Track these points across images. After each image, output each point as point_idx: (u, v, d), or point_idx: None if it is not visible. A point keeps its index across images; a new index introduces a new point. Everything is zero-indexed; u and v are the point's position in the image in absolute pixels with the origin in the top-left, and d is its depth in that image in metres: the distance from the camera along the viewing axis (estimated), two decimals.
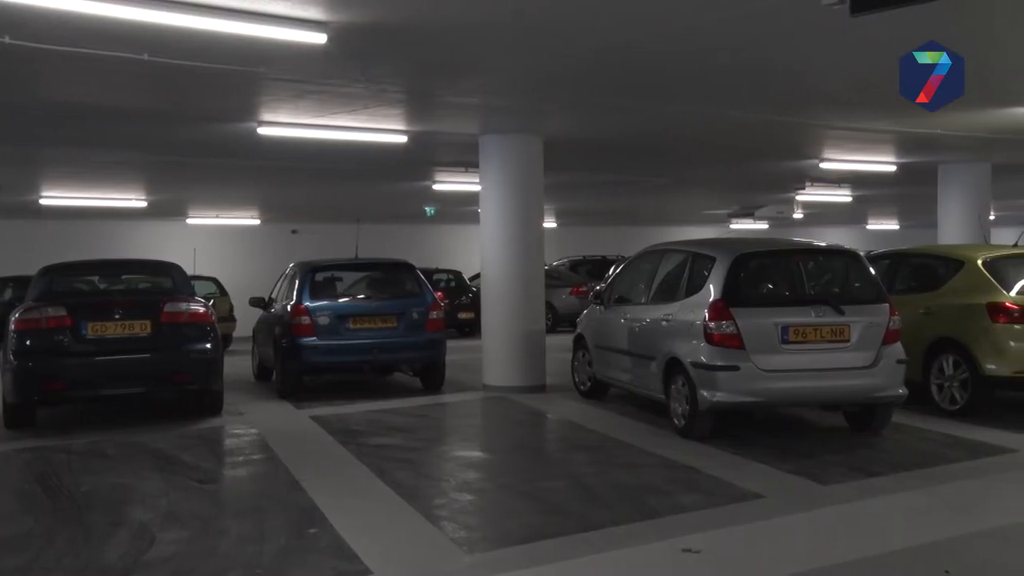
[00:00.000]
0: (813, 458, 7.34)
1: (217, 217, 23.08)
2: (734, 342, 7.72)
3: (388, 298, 11.60)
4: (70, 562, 5.13)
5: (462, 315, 19.51)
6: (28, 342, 8.85)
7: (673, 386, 8.29)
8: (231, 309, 18.30)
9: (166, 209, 20.64)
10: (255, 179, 15.76)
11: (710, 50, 7.41)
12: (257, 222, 24.04)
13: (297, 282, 11.27)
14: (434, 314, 11.35)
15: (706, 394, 7.78)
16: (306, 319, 10.84)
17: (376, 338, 10.97)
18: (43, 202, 17.43)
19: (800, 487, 6.53)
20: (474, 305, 17.16)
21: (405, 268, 11.96)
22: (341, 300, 11.50)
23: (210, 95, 8.82)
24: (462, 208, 19.51)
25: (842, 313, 7.85)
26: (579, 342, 10.74)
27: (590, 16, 6.40)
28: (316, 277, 11.51)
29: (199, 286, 14.69)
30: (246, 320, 15.41)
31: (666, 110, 9.85)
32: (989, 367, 8.58)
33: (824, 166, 14.71)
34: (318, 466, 7.48)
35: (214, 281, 19.26)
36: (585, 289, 18.79)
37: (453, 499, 6.53)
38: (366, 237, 16.32)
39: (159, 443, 8.37)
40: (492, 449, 8.61)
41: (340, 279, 12.45)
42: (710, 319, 7.82)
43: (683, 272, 8.75)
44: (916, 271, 10.22)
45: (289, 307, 11.07)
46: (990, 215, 15.63)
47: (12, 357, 8.81)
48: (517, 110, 10.03)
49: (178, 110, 9.54)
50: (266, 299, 12.66)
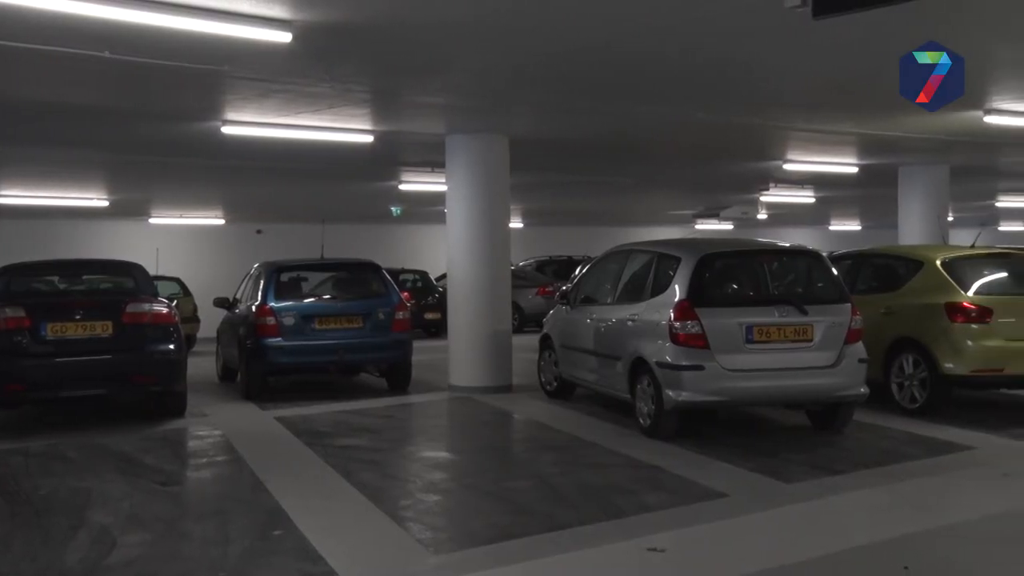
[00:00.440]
0: (776, 457, 7.41)
1: (181, 217, 22.85)
2: (699, 342, 7.78)
3: (354, 298, 11.55)
4: (27, 566, 5.05)
5: (428, 315, 19.47)
6: None
7: (639, 386, 8.33)
8: (195, 310, 18.14)
9: (128, 209, 20.39)
10: (219, 179, 15.62)
11: (675, 52, 7.46)
12: (222, 222, 23.84)
13: (262, 282, 11.19)
14: (400, 314, 11.32)
15: (671, 394, 7.83)
16: (271, 319, 10.77)
17: (342, 338, 10.92)
18: (1, 201, 17.14)
19: (763, 485, 6.59)
20: (440, 305, 17.14)
21: (371, 268, 11.92)
22: (306, 300, 11.43)
23: (173, 93, 8.73)
24: (428, 208, 19.47)
25: (805, 313, 7.94)
26: (545, 342, 10.77)
27: (556, 17, 6.42)
28: (281, 277, 11.43)
29: (162, 286, 14.50)
30: (210, 321, 15.27)
31: (632, 111, 9.90)
32: (947, 366, 8.71)
33: (788, 167, 14.87)
34: (283, 467, 7.43)
35: (177, 281, 19.07)
36: (551, 289, 18.82)
37: (419, 500, 6.52)
38: (332, 237, 16.23)
39: (121, 445, 8.27)
40: (458, 449, 8.61)
41: (306, 279, 12.38)
42: (675, 319, 7.87)
43: (648, 272, 8.80)
44: (877, 271, 10.36)
45: (254, 307, 10.99)
46: (948, 216, 15.87)
47: None
48: (483, 110, 10.03)
49: (140, 108, 9.43)
50: (230, 300, 12.55)
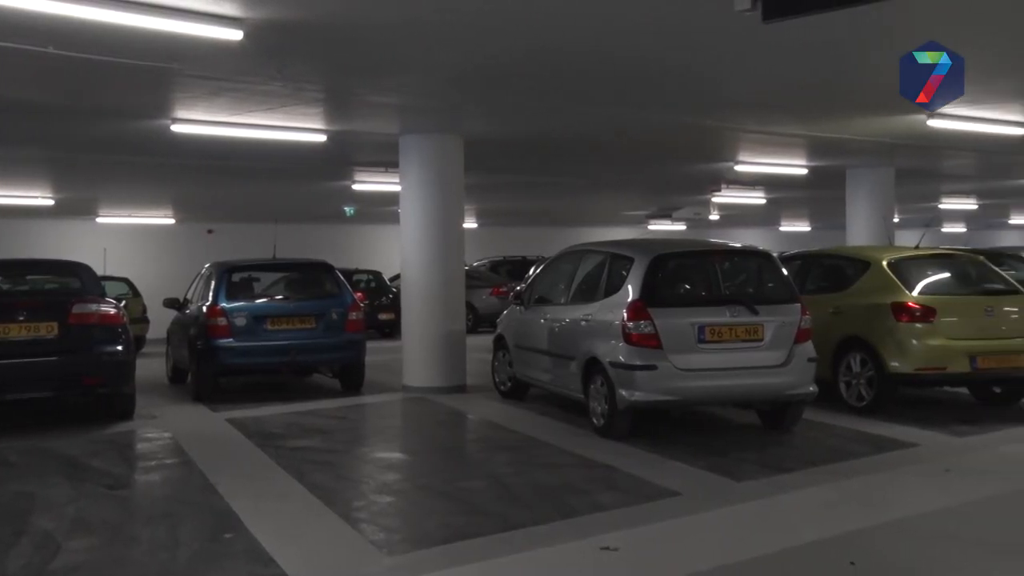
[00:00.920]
0: (728, 455, 7.50)
1: (129, 216, 22.50)
2: (652, 342, 7.84)
3: (307, 299, 11.47)
4: None
5: (382, 316, 19.39)
6: None
7: (592, 386, 8.37)
8: (144, 310, 17.88)
9: (75, 208, 20.03)
10: (169, 177, 15.40)
11: (628, 54, 7.51)
12: (171, 221, 23.52)
13: (213, 283, 11.06)
14: (353, 315, 11.27)
15: (624, 393, 7.88)
16: (222, 320, 10.65)
17: (294, 339, 10.84)
18: None
19: (715, 484, 6.66)
20: (394, 306, 17.06)
21: (324, 268, 11.85)
22: (258, 301, 11.32)
23: (120, 90, 8.59)
24: (382, 208, 19.39)
25: (756, 313, 8.04)
26: (499, 342, 10.78)
27: (510, 19, 6.43)
28: (233, 277, 11.31)
29: (110, 287, 14.25)
30: (160, 321, 15.05)
31: (586, 112, 9.95)
32: (893, 364, 8.88)
33: (739, 169, 15.05)
34: (234, 470, 7.35)
35: (126, 282, 18.77)
36: (505, 289, 18.83)
37: (372, 501, 6.49)
38: (284, 237, 16.09)
39: (67, 449, 8.11)
40: (412, 450, 8.58)
41: (257, 279, 12.26)
42: (628, 319, 7.93)
43: (602, 273, 8.85)
44: (826, 272, 10.52)
45: (205, 308, 10.86)
46: (894, 218, 16.17)
47: None
48: (437, 110, 10.01)
49: (86, 105, 9.27)
50: (181, 300, 12.39)
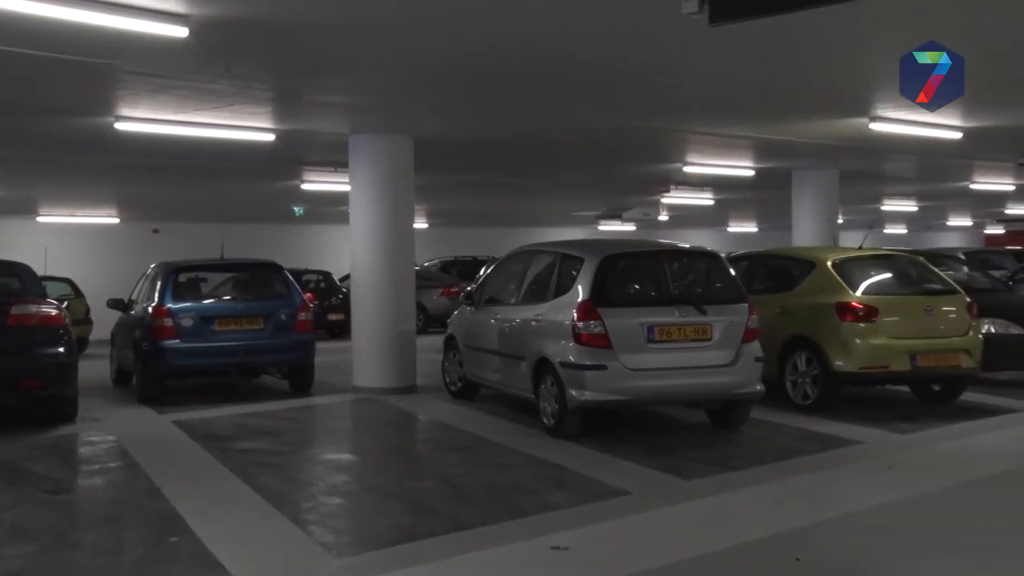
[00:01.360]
0: (677, 454, 7.57)
1: (72, 215, 22.06)
2: (602, 342, 7.88)
3: (255, 299, 11.36)
4: None
5: (332, 316, 19.26)
6: None
7: (543, 386, 8.40)
8: (87, 311, 17.54)
9: (14, 206, 19.60)
10: (113, 176, 15.13)
11: (578, 56, 7.54)
12: (116, 221, 23.10)
13: (159, 283, 10.91)
14: (303, 315, 11.19)
15: (575, 393, 7.91)
16: (168, 321, 10.50)
17: (243, 340, 10.73)
18: None
19: (664, 483, 6.73)
20: (344, 306, 16.93)
21: (273, 269, 11.75)
22: (206, 301, 11.20)
23: (61, 87, 8.41)
24: (332, 208, 19.23)
25: (704, 313, 8.12)
26: (450, 342, 10.76)
27: (459, 18, 6.41)
28: (179, 278, 11.16)
29: (51, 287, 13.98)
30: (104, 322, 14.77)
31: (536, 113, 9.98)
32: (838, 363, 9.04)
33: (687, 170, 15.20)
34: (181, 472, 7.24)
35: (68, 282, 18.39)
36: (456, 290, 18.82)
37: (321, 502, 6.44)
38: (233, 237, 15.87)
39: (5, 453, 7.91)
40: (361, 451, 8.53)
41: (205, 280, 12.13)
42: (578, 319, 7.96)
43: (552, 273, 8.88)
44: (772, 272, 10.68)
45: (150, 309, 10.71)
46: (839, 218, 16.46)
47: None
48: (387, 110, 9.97)
49: (26, 101, 9.06)
50: (125, 301, 12.20)
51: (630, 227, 28.58)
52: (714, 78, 8.62)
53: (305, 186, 16.14)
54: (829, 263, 9.64)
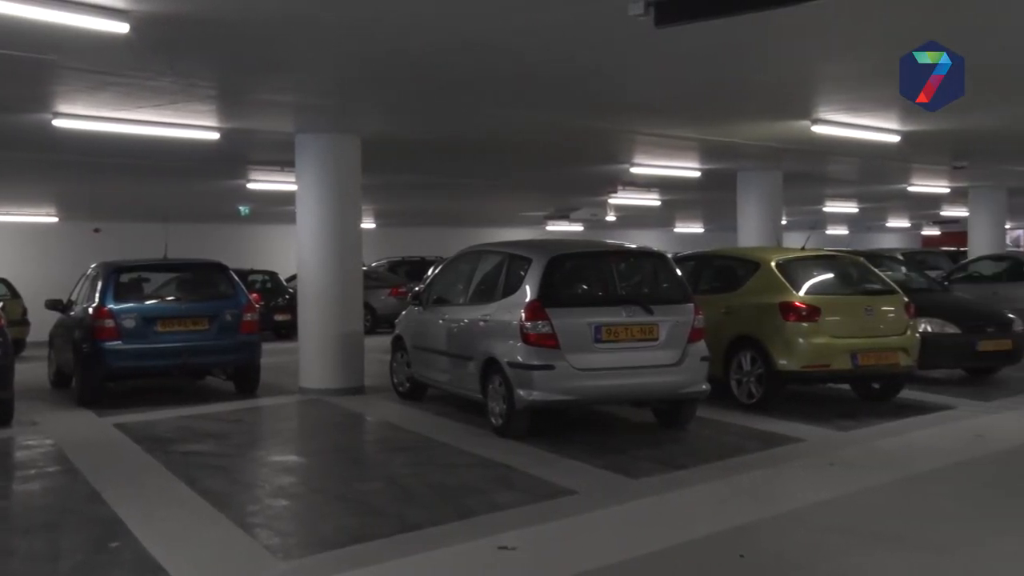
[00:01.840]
0: (624, 453, 7.63)
1: (8, 214, 21.54)
2: (549, 342, 7.91)
3: (199, 300, 11.21)
4: None
5: (278, 317, 19.06)
6: None
7: (491, 386, 8.40)
8: (24, 312, 17.13)
9: None
10: (52, 173, 14.78)
11: (525, 55, 7.54)
12: (55, 219, 22.59)
13: (100, 283, 10.71)
14: (248, 316, 11.06)
15: (522, 393, 7.93)
16: (109, 322, 10.32)
17: (187, 341, 10.58)
18: None
19: (612, 482, 6.77)
20: (291, 306, 16.78)
21: (217, 269, 11.61)
22: (148, 302, 11.01)
23: None
24: (279, 208, 19.03)
25: (651, 313, 8.19)
26: (398, 343, 10.71)
27: (405, 17, 6.38)
28: (121, 278, 10.98)
29: None
30: (42, 323, 14.44)
31: (483, 113, 9.98)
32: (781, 362, 9.18)
33: (635, 171, 15.31)
34: (122, 477, 7.11)
35: (4, 283, 17.97)
36: (404, 290, 18.75)
37: (267, 505, 6.38)
38: (177, 237, 15.65)
39: None
40: (308, 453, 8.46)
41: (148, 280, 11.92)
42: (526, 319, 7.98)
43: (500, 273, 8.88)
44: (718, 272, 10.81)
45: (91, 309, 10.51)
46: (782, 219, 16.70)
47: None
48: (334, 109, 9.89)
49: None
50: (65, 301, 11.94)
51: (578, 227, 28.76)
52: (660, 80, 8.69)
53: (251, 185, 15.96)
54: (773, 263, 9.79)
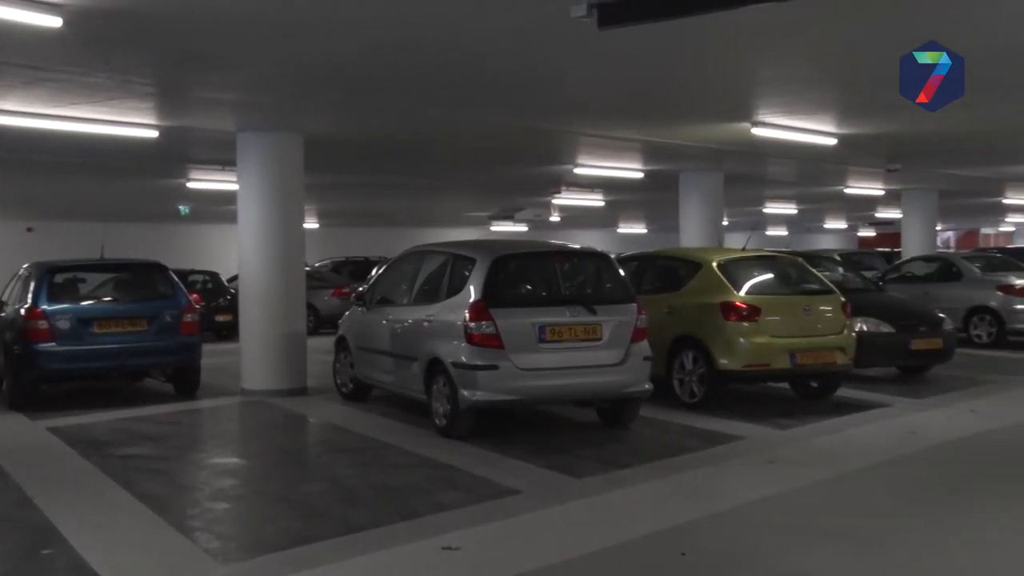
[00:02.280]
0: (568, 453, 7.67)
1: None
2: (493, 342, 7.92)
3: (138, 300, 10.99)
4: None
5: (219, 317, 18.77)
6: None
7: (435, 386, 8.38)
8: None
9: None
10: None
11: (469, 56, 7.55)
12: None
13: (32, 284, 10.45)
14: (188, 316, 10.88)
15: (466, 393, 7.93)
16: (43, 323, 10.07)
17: (124, 342, 10.37)
18: None
19: (555, 481, 6.80)
20: (232, 307, 16.57)
21: (156, 269, 11.40)
22: (84, 303, 10.77)
23: None
24: (220, 207, 18.78)
25: (594, 313, 8.24)
26: (341, 344, 10.64)
27: (345, 15, 6.33)
28: (55, 278, 10.71)
29: None
30: None
31: (427, 113, 9.95)
32: (722, 362, 9.30)
33: (578, 171, 15.40)
34: (55, 481, 6.94)
35: None
36: (348, 290, 18.61)
37: (207, 508, 6.29)
38: (115, 237, 15.34)
39: None
40: (250, 455, 8.36)
41: (83, 280, 11.65)
42: (470, 319, 7.98)
43: (444, 273, 8.87)
44: (661, 272, 10.91)
45: (23, 310, 10.24)
46: (723, 220, 16.93)
47: None
48: (276, 108, 9.78)
49: None
50: None
51: (522, 228, 28.85)
52: (602, 81, 8.75)
53: (191, 184, 15.73)
54: (714, 264, 9.91)
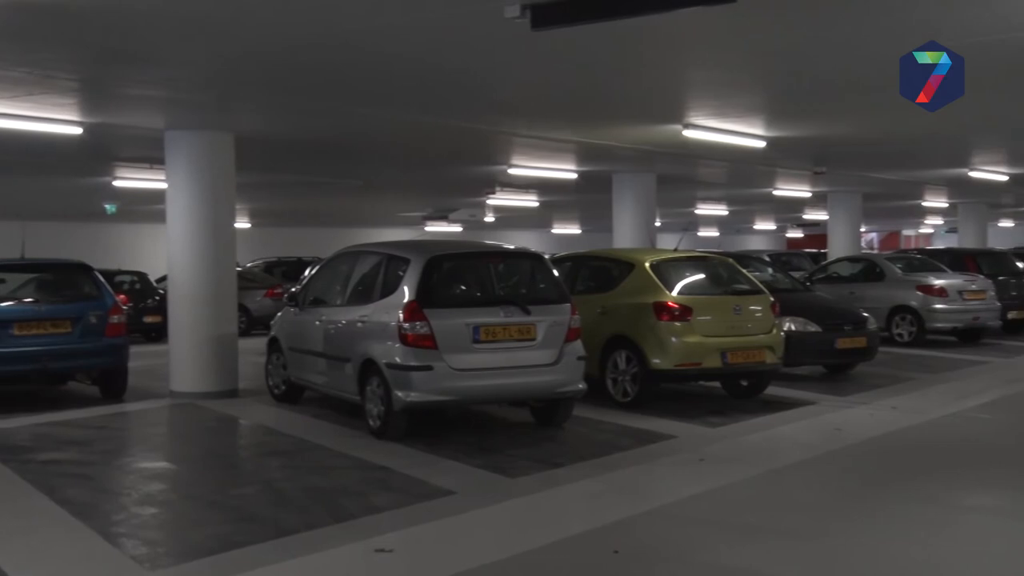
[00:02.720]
0: (502, 453, 7.68)
1: None
2: (427, 342, 7.90)
3: (61, 301, 10.70)
4: None
5: (148, 318, 18.39)
6: None
7: (368, 387, 8.33)
8: None
9: None
10: None
11: (400, 56, 7.49)
12: None
13: None
14: (114, 318, 10.63)
15: (400, 394, 7.89)
16: None
17: (47, 345, 10.09)
18: None
19: (490, 481, 6.81)
20: (161, 308, 16.24)
21: (81, 269, 11.11)
22: (3, 304, 10.44)
23: None
24: (148, 206, 18.41)
25: (528, 313, 8.27)
26: (273, 345, 10.50)
27: (271, 12, 6.23)
28: None
29: None
30: None
31: (355, 112, 9.86)
32: (655, 361, 9.41)
33: (512, 172, 15.44)
34: None
35: None
36: (280, 291, 18.40)
37: (134, 514, 6.16)
38: (36, 236, 14.95)
39: None
40: (179, 458, 8.20)
41: (3, 281, 11.30)
42: (404, 320, 7.95)
43: (378, 274, 8.82)
44: (594, 273, 11.00)
45: None
46: (656, 221, 17.14)
47: None
48: (205, 105, 9.60)
49: None
50: None
51: (457, 228, 28.83)
52: (535, 82, 8.79)
53: (118, 183, 15.38)
54: (647, 264, 10.02)
